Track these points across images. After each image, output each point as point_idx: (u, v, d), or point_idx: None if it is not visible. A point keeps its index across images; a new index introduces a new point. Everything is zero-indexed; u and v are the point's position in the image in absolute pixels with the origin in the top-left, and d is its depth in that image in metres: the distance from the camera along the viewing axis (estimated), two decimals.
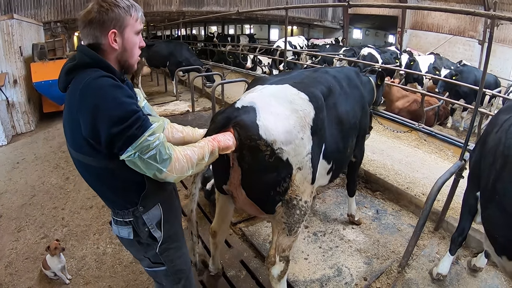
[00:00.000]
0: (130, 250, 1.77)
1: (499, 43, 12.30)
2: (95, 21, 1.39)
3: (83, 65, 1.38)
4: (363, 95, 3.03)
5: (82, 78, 1.33)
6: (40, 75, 7.26)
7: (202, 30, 25.97)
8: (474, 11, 2.93)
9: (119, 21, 1.42)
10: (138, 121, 1.32)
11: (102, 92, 1.29)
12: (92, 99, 1.28)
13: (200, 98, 9.27)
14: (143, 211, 1.55)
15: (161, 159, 1.36)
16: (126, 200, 1.53)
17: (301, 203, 2.12)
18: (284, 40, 5.95)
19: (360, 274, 2.89)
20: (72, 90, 1.36)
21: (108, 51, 1.45)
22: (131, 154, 1.31)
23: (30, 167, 5.31)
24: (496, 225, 1.99)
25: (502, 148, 1.94)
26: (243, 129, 1.89)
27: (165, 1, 14.31)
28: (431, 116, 7.02)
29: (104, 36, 1.41)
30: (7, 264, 3.12)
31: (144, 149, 1.32)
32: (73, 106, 1.34)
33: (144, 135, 1.31)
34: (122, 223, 1.57)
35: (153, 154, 1.34)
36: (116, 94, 1.31)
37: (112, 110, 1.28)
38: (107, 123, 1.27)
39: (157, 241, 1.61)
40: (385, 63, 10.35)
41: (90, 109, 1.28)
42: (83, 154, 1.39)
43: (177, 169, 1.42)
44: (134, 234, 1.58)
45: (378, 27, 21.26)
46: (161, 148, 1.36)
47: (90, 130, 1.29)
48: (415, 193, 3.92)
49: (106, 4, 1.39)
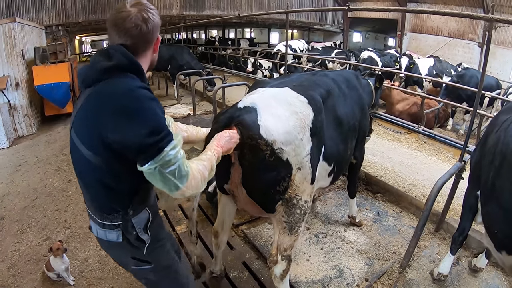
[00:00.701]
0: (113, 253, 1.76)
1: (499, 46, 12.37)
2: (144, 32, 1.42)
3: (121, 68, 1.37)
4: (362, 97, 3.06)
5: (120, 83, 1.34)
6: (42, 78, 7.31)
7: (202, 34, 26.07)
8: (473, 14, 2.96)
9: (158, 30, 1.47)
10: (168, 136, 1.35)
11: (142, 103, 1.32)
12: (132, 107, 1.30)
13: (201, 101, 9.31)
14: (132, 215, 1.55)
15: (179, 175, 1.38)
16: (117, 204, 1.52)
17: (301, 203, 2.15)
18: (284, 44, 5.98)
19: (361, 275, 2.90)
20: (103, 91, 1.35)
21: (148, 55, 1.50)
22: (152, 167, 1.33)
23: (32, 170, 5.33)
24: (495, 220, 2.04)
25: (501, 146, 2.00)
26: (244, 128, 1.94)
27: (166, 5, 14.41)
28: (431, 118, 7.05)
29: (150, 44, 1.47)
30: (9, 265, 3.14)
31: (166, 164, 1.34)
32: (106, 107, 1.32)
33: (166, 149, 1.33)
34: (111, 226, 1.55)
35: (173, 169, 1.35)
36: (154, 106, 1.34)
37: (150, 121, 1.31)
38: (144, 133, 1.30)
39: (145, 243, 1.61)
40: (385, 66, 10.40)
41: (129, 116, 1.30)
42: (95, 155, 1.38)
43: (192, 186, 1.44)
44: (123, 237, 1.57)
45: (378, 30, 21.40)
46: (181, 164, 1.37)
47: (121, 135, 1.30)
48: (415, 195, 3.93)
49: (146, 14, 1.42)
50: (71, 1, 12.19)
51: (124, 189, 1.48)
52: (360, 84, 3.21)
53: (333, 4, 19.02)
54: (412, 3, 15.65)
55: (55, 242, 2.93)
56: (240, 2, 16.37)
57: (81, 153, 1.42)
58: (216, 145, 1.73)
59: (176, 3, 14.63)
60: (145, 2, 1.45)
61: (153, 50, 1.52)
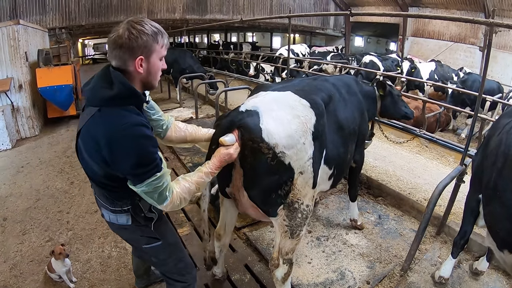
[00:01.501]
0: (124, 234, 1.99)
1: (500, 50, 12.39)
2: (124, 46, 1.48)
3: (121, 98, 1.50)
4: (362, 102, 3.07)
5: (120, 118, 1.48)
6: (45, 81, 7.37)
7: (205, 38, 26.17)
8: (473, 19, 2.98)
9: (147, 48, 1.52)
10: (155, 168, 1.54)
11: (136, 141, 1.48)
12: (125, 143, 1.46)
13: (204, 105, 9.33)
14: (140, 199, 1.75)
15: (159, 199, 1.61)
16: (125, 193, 1.68)
17: (302, 207, 2.15)
18: (287, 48, 6.01)
19: (363, 278, 2.90)
20: (105, 121, 1.48)
21: (134, 75, 1.57)
22: (137, 188, 1.56)
23: (34, 171, 5.36)
24: (497, 220, 2.07)
25: (503, 147, 2.03)
26: (246, 131, 1.95)
27: (169, 9, 14.51)
28: (433, 122, 7.05)
29: (132, 61, 1.52)
30: (12, 266, 3.15)
31: (148, 190, 1.56)
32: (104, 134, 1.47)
33: (149, 180, 1.54)
34: (121, 211, 1.77)
35: (153, 194, 1.58)
36: (146, 143, 1.51)
37: (139, 157, 1.49)
38: (130, 164, 1.49)
39: (152, 220, 1.85)
40: (387, 71, 10.43)
41: (120, 150, 1.47)
42: (98, 165, 1.57)
43: (170, 207, 1.67)
44: (132, 220, 1.80)
45: (379, 34, 21.45)
46: (163, 191, 1.59)
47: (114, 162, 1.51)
48: (417, 198, 3.94)
49: (135, 31, 1.48)
50: (75, 4, 12.30)
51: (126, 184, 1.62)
52: (360, 89, 3.22)
53: (335, 8, 19.10)
54: (413, 7, 15.71)
55: (57, 245, 2.94)
56: (242, 7, 16.46)
57: (86, 160, 1.61)
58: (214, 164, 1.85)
59: (179, 7, 14.73)
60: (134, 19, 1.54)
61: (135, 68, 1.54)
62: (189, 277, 2.13)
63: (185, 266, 2.12)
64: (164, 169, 1.60)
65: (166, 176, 1.61)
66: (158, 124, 2.02)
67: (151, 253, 2.01)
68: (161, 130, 2.05)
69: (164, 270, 2.08)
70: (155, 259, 2.04)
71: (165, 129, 2.07)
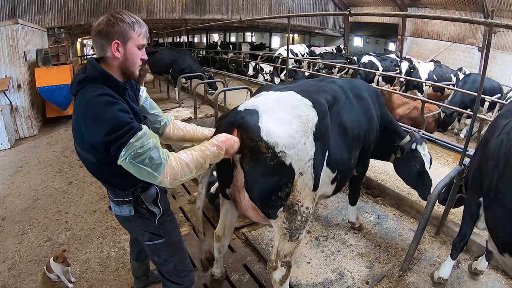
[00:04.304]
0: (129, 227, 2.03)
1: (499, 50, 12.40)
2: (102, 32, 1.59)
3: (92, 79, 1.57)
4: (371, 108, 2.93)
5: (88, 92, 1.54)
6: (44, 80, 7.36)
7: (204, 37, 26.16)
8: (472, 19, 2.97)
9: (123, 34, 1.61)
10: (130, 130, 1.49)
11: (100, 108, 1.49)
12: (93, 113, 1.49)
13: (203, 105, 9.34)
14: (141, 191, 1.80)
15: (152, 164, 1.50)
16: (126, 183, 1.73)
17: (302, 209, 2.13)
18: (286, 48, 6.01)
19: (362, 278, 2.91)
20: (79, 100, 1.56)
21: (111, 59, 1.64)
22: (123, 158, 1.48)
23: (33, 171, 5.35)
24: (498, 223, 2.05)
25: (504, 149, 2.01)
26: (245, 130, 1.94)
27: (168, 9, 14.48)
28: (431, 122, 7.06)
29: (109, 46, 1.61)
30: (10, 266, 3.14)
31: (135, 155, 1.48)
32: (79, 114, 1.53)
33: (131, 142, 1.47)
34: (123, 202, 1.80)
35: (143, 159, 1.49)
36: (112, 109, 1.49)
37: (108, 122, 1.47)
38: (103, 132, 1.47)
39: (156, 215, 1.87)
40: (386, 71, 10.44)
41: (91, 121, 1.50)
42: (86, 152, 1.62)
43: (171, 175, 1.55)
44: (135, 211, 1.82)
45: (378, 35, 21.46)
46: (152, 153, 1.50)
47: (91, 137, 1.52)
48: (415, 198, 3.94)
49: (113, 18, 1.60)
50: (73, 3, 12.25)
51: (123, 172, 1.59)
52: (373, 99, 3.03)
53: (334, 8, 19.11)
54: (412, 7, 15.72)
55: (59, 251, 2.93)
56: (241, 6, 16.44)
57: (79, 152, 1.68)
58: (217, 140, 1.79)
59: (178, 7, 14.70)
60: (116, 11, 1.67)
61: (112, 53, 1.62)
62: (187, 280, 2.12)
63: (184, 268, 2.11)
64: (147, 130, 1.55)
65: (151, 137, 1.54)
66: (155, 120, 2.05)
67: (153, 251, 2.01)
68: (159, 126, 2.07)
69: (164, 270, 2.07)
70: (157, 258, 2.03)
71: (163, 125, 2.08)
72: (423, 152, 3.14)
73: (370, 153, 3.12)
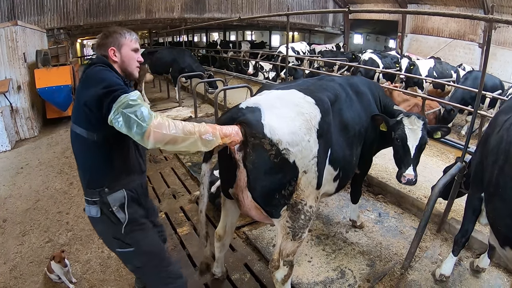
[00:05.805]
0: (99, 231, 2.01)
1: (500, 46, 12.35)
2: (100, 44, 1.92)
3: (94, 63, 1.84)
4: (372, 105, 2.93)
5: (92, 68, 1.80)
6: (44, 81, 7.35)
7: (203, 37, 26.13)
8: (472, 15, 2.95)
9: (117, 41, 1.90)
10: (122, 88, 1.64)
11: (97, 73, 1.75)
12: (92, 76, 1.74)
13: (203, 104, 9.33)
14: (108, 193, 1.83)
15: (141, 116, 1.56)
16: (97, 180, 1.82)
17: (306, 208, 2.12)
18: (286, 46, 6.00)
19: (363, 276, 2.90)
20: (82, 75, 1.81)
21: (112, 63, 1.90)
22: (114, 109, 1.57)
23: (34, 172, 5.35)
24: (499, 217, 2.06)
25: (504, 144, 2.03)
26: (247, 126, 1.92)
27: (167, 8, 14.46)
28: (432, 119, 7.03)
29: (107, 52, 1.89)
30: (12, 267, 3.15)
31: (126, 106, 1.56)
32: (81, 83, 1.77)
33: (123, 95, 1.59)
34: (91, 202, 1.85)
35: (133, 110, 1.56)
36: (106, 73, 1.75)
37: (105, 80, 1.68)
38: (100, 87, 1.64)
39: (122, 222, 1.86)
40: (386, 68, 10.40)
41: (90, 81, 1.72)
42: (79, 126, 1.75)
43: (157, 126, 1.57)
44: (101, 213, 1.86)
45: (378, 32, 21.40)
46: (142, 108, 1.58)
47: (87, 94, 1.68)
48: (417, 196, 3.93)
49: (107, 32, 1.92)
50: (73, 4, 12.25)
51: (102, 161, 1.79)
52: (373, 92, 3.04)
53: (334, 6, 19.04)
54: (412, 4, 15.65)
55: (57, 251, 2.93)
56: (241, 5, 16.42)
57: (73, 133, 1.79)
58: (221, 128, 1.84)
59: (177, 6, 14.69)
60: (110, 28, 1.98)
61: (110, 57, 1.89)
62: (173, 287, 2.08)
63: (168, 275, 2.06)
64: (139, 93, 1.68)
65: (141, 98, 1.65)
66: None
67: (124, 259, 2.04)
68: None
69: (143, 278, 2.09)
70: (130, 266, 2.07)
71: None
72: (409, 126, 2.81)
73: (373, 151, 3.13)
